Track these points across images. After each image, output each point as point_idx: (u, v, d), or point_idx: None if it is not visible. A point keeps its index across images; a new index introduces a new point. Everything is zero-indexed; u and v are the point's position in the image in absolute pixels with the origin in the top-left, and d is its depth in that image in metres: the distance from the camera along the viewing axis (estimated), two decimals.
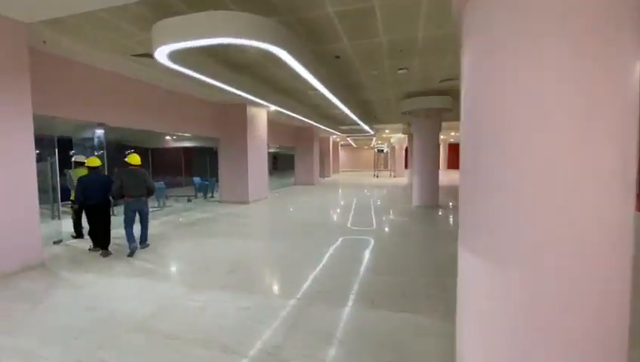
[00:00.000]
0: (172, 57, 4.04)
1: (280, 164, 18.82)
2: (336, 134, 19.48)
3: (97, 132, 6.51)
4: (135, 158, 4.93)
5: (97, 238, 4.83)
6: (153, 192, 5.09)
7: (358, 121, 12.11)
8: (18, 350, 2.39)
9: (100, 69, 5.99)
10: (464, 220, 1.73)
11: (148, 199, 5.05)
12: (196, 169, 14.13)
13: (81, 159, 5.61)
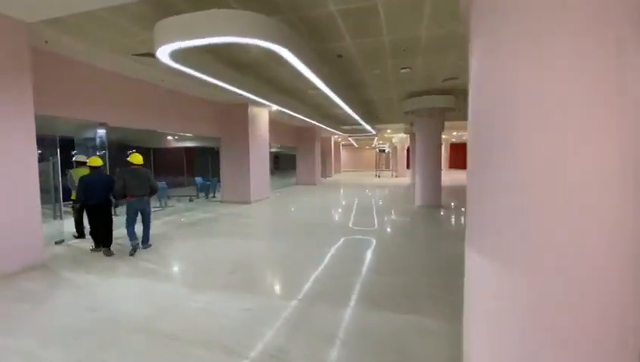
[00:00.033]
0: (174, 56, 4.02)
1: (281, 164, 18.81)
2: (338, 134, 19.45)
3: (99, 132, 6.50)
4: (137, 158, 4.93)
5: (99, 238, 4.82)
6: (156, 192, 5.10)
7: (360, 121, 12.07)
8: (19, 351, 2.37)
9: (102, 69, 5.98)
10: (471, 220, 1.69)
11: (150, 199, 5.04)
12: (198, 169, 14.12)
13: (82, 159, 5.60)
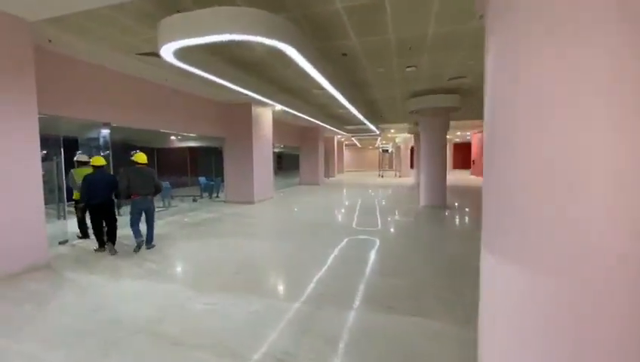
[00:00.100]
0: (178, 55, 3.99)
1: (285, 164, 18.76)
2: (341, 134, 19.38)
3: (103, 132, 6.48)
4: (142, 157, 4.92)
5: (101, 236, 4.82)
6: (160, 191, 5.11)
7: (364, 121, 12.00)
8: (21, 353, 2.33)
9: (105, 68, 5.96)
10: (488, 221, 1.63)
11: (154, 198, 5.03)
12: (201, 169, 14.12)
13: (83, 158, 5.58)
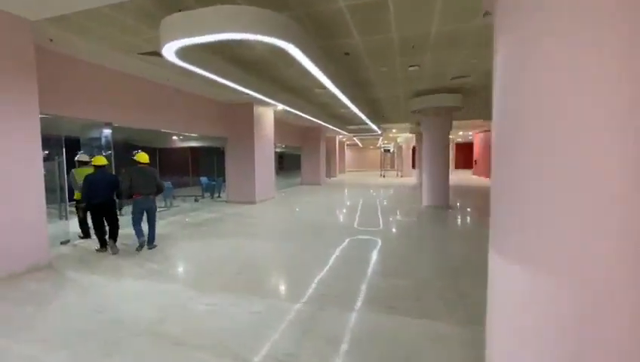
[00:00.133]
0: (180, 54, 3.96)
1: (286, 164, 18.72)
2: (343, 134, 19.34)
3: (105, 132, 6.47)
4: (144, 157, 4.91)
5: (103, 236, 4.82)
6: (162, 190, 5.11)
7: (366, 120, 11.95)
8: (22, 355, 2.31)
9: (107, 68, 5.94)
10: (496, 221, 1.59)
11: (156, 198, 5.02)
12: (203, 169, 14.11)
13: (84, 158, 5.57)
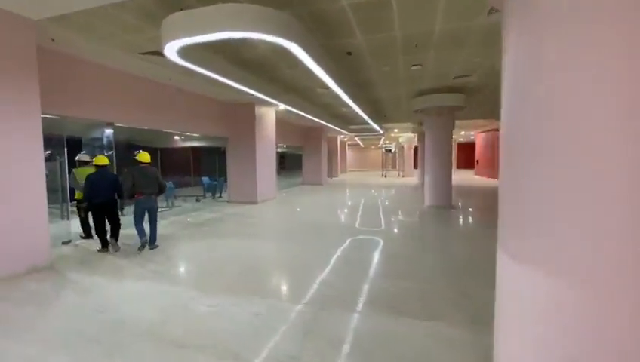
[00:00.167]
0: (181, 53, 3.94)
1: (288, 164, 18.70)
2: (344, 134, 19.30)
3: (106, 132, 6.46)
4: (145, 156, 4.91)
5: (104, 236, 4.82)
6: (164, 190, 5.12)
7: (368, 120, 11.91)
8: (22, 356, 2.29)
9: (108, 68, 5.93)
10: (505, 222, 1.56)
11: (157, 197, 5.03)
12: (205, 169, 14.10)
13: (85, 158, 5.55)
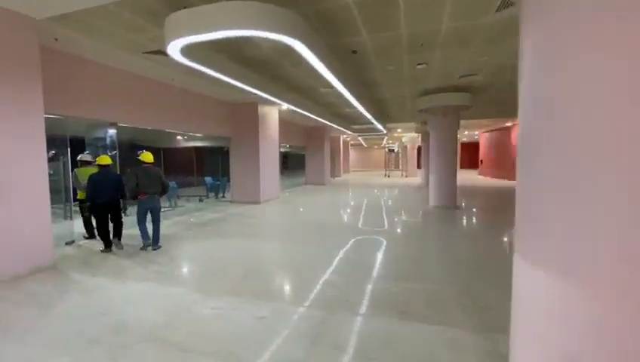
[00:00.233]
0: (185, 52, 3.90)
1: (291, 164, 18.67)
2: (347, 133, 19.23)
3: (110, 132, 6.44)
4: (148, 156, 4.90)
5: (107, 237, 4.80)
6: (167, 190, 5.12)
7: (372, 120, 11.84)
8: (24, 358, 2.25)
9: (111, 68, 5.91)
10: (522, 225, 1.50)
11: (161, 197, 5.02)
12: (208, 169, 14.08)
13: (87, 158, 5.53)
